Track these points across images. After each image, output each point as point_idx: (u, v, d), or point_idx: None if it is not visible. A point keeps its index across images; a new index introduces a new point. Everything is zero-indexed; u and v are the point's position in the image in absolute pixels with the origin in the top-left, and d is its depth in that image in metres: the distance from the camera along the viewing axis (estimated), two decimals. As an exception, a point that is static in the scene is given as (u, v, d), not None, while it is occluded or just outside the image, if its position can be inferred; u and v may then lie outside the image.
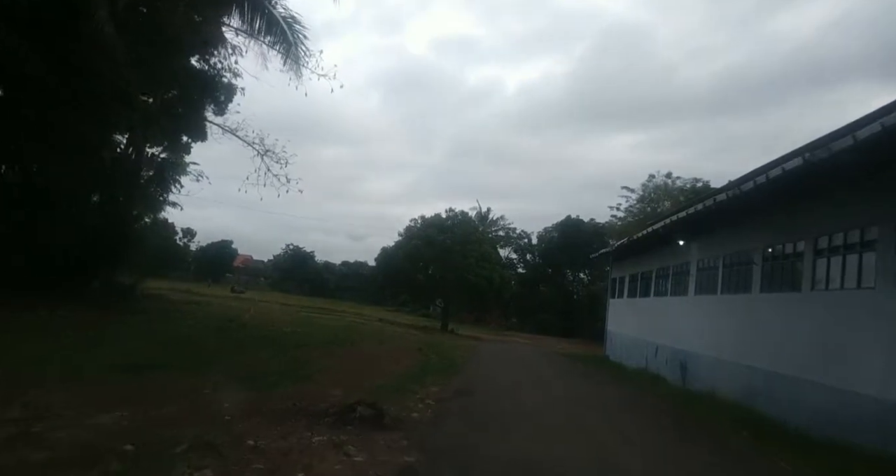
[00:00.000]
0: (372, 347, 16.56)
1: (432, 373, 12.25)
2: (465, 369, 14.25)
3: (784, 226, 11.55)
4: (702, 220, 14.26)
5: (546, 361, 22.21)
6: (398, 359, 14.01)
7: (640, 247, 21.34)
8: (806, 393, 9.59)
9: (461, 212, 37.63)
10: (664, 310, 18.88)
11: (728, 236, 14.19)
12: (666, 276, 19.24)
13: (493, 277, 34.94)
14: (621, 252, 24.64)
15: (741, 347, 12.73)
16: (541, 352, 29.26)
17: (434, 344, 22.67)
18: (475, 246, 35.29)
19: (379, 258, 38.59)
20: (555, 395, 11.72)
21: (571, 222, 56.30)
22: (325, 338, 16.69)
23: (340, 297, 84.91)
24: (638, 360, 21.11)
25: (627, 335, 23.46)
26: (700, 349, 15.16)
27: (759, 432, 8.76)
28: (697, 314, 15.88)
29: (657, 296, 19.96)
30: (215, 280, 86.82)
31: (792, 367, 10.30)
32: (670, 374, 17.01)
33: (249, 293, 66.34)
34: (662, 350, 18.30)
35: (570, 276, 59.28)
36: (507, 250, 59.30)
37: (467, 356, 18.83)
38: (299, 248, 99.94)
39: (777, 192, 10.18)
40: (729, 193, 11.89)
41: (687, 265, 17.04)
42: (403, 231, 37.07)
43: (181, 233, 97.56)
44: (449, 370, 13.10)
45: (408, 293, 42.19)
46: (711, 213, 13.08)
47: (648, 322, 20.69)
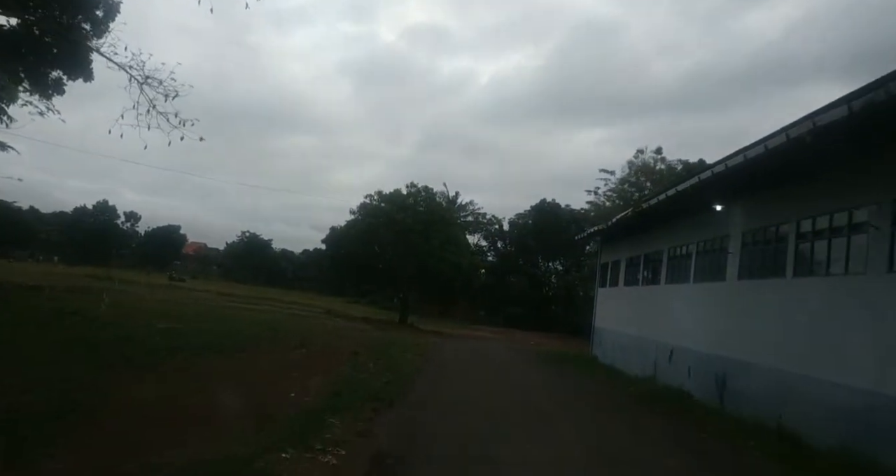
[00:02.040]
0: (279, 354, 11.44)
1: (350, 405, 7.18)
2: (412, 390, 9.25)
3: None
4: (760, 170, 9.64)
5: (526, 367, 17.43)
6: (306, 376, 8.93)
7: (645, 222, 16.71)
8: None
9: (425, 188, 32.63)
10: (685, 301, 14.27)
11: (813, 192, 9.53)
12: (684, 256, 14.62)
13: (460, 263, 29.99)
14: (615, 231, 20.03)
15: (835, 358, 8.17)
16: (515, 350, 24.52)
17: (383, 343, 17.66)
18: (440, 227, 30.23)
19: (328, 240, 33.15)
20: (573, 454, 6.74)
21: (547, 207, 51.84)
22: (212, 340, 11.51)
23: (298, 288, 79.21)
24: (640, 365, 16.54)
25: (624, 333, 18.88)
26: (751, 356, 10.56)
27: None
28: (746, 307, 11.25)
29: (672, 282, 15.34)
30: (161, 268, 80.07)
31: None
32: (697, 388, 12.42)
33: (193, 282, 60.42)
34: (683, 355, 13.69)
35: (543, 265, 54.91)
36: (477, 237, 54.57)
37: (422, 362, 13.86)
38: (256, 236, 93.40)
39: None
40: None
41: (724, 240, 12.40)
42: (357, 208, 31.98)
43: (123, 216, 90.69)
44: (383, 395, 8.09)
45: (360, 281, 36.77)
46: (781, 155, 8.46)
47: (657, 317, 16.10)
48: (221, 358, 9.65)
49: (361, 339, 17.74)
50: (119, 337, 9.87)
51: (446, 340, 26.27)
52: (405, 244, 29.63)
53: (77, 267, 55.59)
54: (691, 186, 11.82)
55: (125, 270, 68.71)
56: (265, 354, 11.04)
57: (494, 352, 21.65)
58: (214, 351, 10.15)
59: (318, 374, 9.06)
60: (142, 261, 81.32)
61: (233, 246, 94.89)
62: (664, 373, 14.92)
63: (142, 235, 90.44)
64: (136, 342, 9.63)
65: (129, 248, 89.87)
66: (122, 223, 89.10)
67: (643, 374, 16.01)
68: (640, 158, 34.52)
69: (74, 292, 19.61)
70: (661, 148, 34.06)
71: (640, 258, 18.14)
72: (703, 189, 11.57)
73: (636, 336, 17.58)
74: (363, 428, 6.06)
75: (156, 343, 9.80)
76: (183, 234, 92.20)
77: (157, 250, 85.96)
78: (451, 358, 16.26)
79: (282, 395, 7.23)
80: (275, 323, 19.07)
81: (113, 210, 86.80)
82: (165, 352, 9.06)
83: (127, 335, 10.25)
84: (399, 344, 18.60)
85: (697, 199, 12.39)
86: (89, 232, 78.99)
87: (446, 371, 12.49)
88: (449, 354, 17.49)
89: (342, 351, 13.23)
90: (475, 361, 16.19)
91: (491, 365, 15.72)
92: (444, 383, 10.45)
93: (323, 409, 6.59)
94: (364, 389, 8.25)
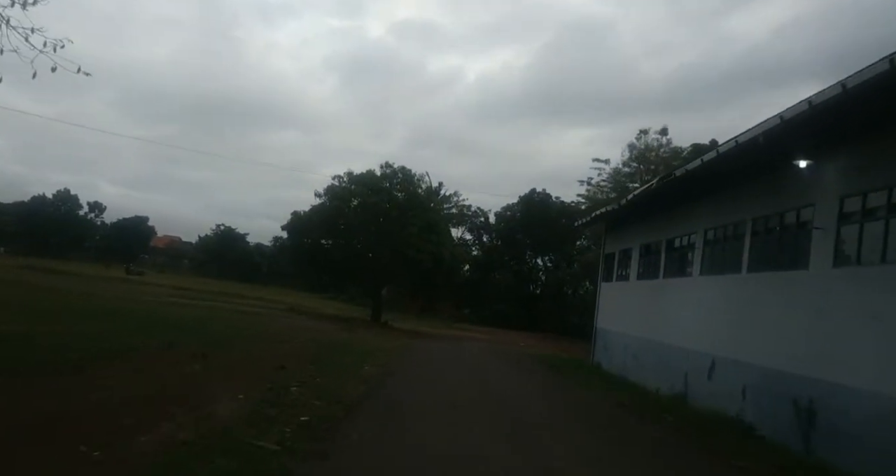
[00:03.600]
0: (160, 369, 7.60)
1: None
2: (337, 447, 5.39)
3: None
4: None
5: (524, 384, 13.74)
6: (142, 422, 5.06)
7: (671, 197, 13.16)
8: None
9: (402, 169, 28.75)
10: (734, 297, 10.69)
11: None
12: (732, 238, 11.06)
13: (441, 254, 26.24)
14: (625, 213, 16.48)
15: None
16: (504, 356, 20.87)
17: (338, 349, 13.90)
18: (419, 212, 26.44)
19: (289, 227, 29.20)
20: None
21: (536, 198, 48.27)
22: (69, 347, 7.63)
23: (274, 283, 74.90)
24: (662, 378, 13.02)
25: (638, 336, 15.35)
26: (865, 380, 7.00)
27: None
28: (848, 305, 7.67)
29: (711, 273, 11.76)
30: (128, 261, 75.31)
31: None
32: (761, 418, 8.88)
33: (157, 277, 56.13)
34: (733, 370, 10.12)
35: (532, 260, 51.40)
36: (461, 229, 50.88)
37: (378, 380, 10.08)
38: (231, 230, 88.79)
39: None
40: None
41: (803, 212, 8.83)
42: (324, 190, 27.99)
43: (87, 206, 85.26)
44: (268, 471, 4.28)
45: (325, 274, 32.69)
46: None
47: (687, 317, 12.54)
48: (43, 379, 5.89)
49: (310, 344, 13.95)
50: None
51: (423, 343, 22.54)
52: (378, 231, 25.80)
53: (23, 258, 50.81)
54: (763, 134, 8.21)
55: (85, 263, 64.35)
56: (132, 371, 7.21)
57: (480, 359, 17.95)
58: (52, 365, 6.40)
59: (170, 417, 5.26)
60: (106, 253, 76.48)
61: (205, 240, 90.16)
62: (700, 391, 11.37)
63: (107, 227, 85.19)
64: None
65: (93, 241, 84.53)
66: (85, 214, 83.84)
67: (669, 390, 12.47)
68: (643, 140, 31.08)
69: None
70: (666, 128, 30.59)
71: (661, 245, 14.57)
72: (780, 136, 7.98)
73: (655, 341, 14.03)
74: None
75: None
76: (151, 226, 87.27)
77: (122, 243, 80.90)
78: (422, 372, 12.48)
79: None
80: (203, 322, 15.21)
81: (75, 200, 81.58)
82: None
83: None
84: (359, 349, 14.84)
85: (765, 154, 8.84)
86: (48, 222, 73.86)
87: (408, 397, 8.75)
88: (420, 366, 13.73)
89: (264, 363, 9.45)
90: (454, 376, 12.42)
91: (475, 381, 11.98)
92: (401, 426, 6.70)
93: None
94: (234, 455, 4.43)
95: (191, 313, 17.80)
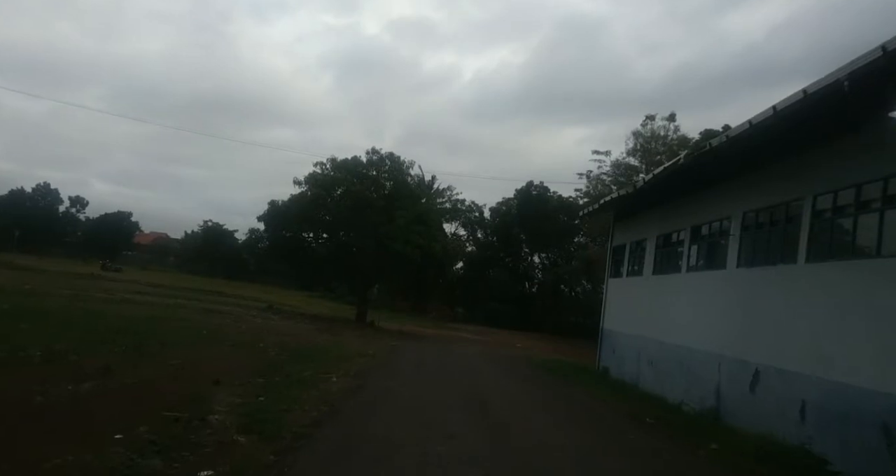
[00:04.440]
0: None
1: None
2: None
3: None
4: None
5: (522, 389, 11.66)
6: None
7: (699, 178, 11.12)
8: None
9: (390, 155, 26.42)
10: (784, 293, 8.64)
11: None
12: (783, 221, 9.02)
13: (431, 248, 24.08)
14: (638, 200, 14.44)
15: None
16: (501, 361, 18.80)
17: (306, 354, 11.80)
18: (407, 202, 24.26)
19: (266, 217, 25.88)
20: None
21: (533, 191, 46.16)
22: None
23: (261, 281, 72.50)
24: (686, 389, 11.06)
25: (653, 340, 13.33)
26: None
27: None
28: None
29: (751, 265, 9.71)
30: (110, 257, 72.76)
31: None
32: (837, 449, 6.85)
33: (139, 274, 53.77)
34: (785, 383, 8.09)
35: (528, 257, 49.35)
36: (455, 225, 48.71)
37: (346, 394, 7.97)
38: (219, 226, 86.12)
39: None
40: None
41: (891, 184, 6.79)
42: (304, 178, 25.20)
43: (68, 201, 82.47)
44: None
45: (303, 270, 30.24)
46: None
47: (718, 318, 10.49)
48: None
49: (272, 350, 11.80)
50: None
51: (410, 345, 20.44)
52: (364, 223, 23.59)
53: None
54: (848, 77, 6.13)
55: (65, 259, 61.83)
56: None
57: (472, 365, 15.86)
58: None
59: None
60: (89, 249, 73.85)
61: (191, 236, 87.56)
62: (739, 407, 9.35)
63: (89, 222, 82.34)
64: None
65: (75, 236, 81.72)
66: (67, 208, 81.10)
67: (697, 405, 10.45)
68: (649, 127, 29.00)
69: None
70: (674, 114, 28.52)
71: (685, 233, 12.53)
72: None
73: (677, 346, 12.01)
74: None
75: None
76: (135, 222, 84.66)
77: (105, 239, 78.15)
78: (403, 384, 10.34)
79: None
80: (153, 323, 13.03)
81: (56, 194, 78.83)
82: None
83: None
84: (333, 355, 12.72)
85: (840, 108, 6.80)
86: (27, 217, 71.11)
87: (379, 426, 6.59)
88: (402, 376, 11.60)
89: (197, 377, 7.31)
90: (441, 392, 10.31)
91: (467, 399, 9.88)
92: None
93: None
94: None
95: (145, 313, 15.61)
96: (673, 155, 27.16)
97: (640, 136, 29.28)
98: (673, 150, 28.97)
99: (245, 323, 18.02)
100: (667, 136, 28.76)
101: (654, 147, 29.52)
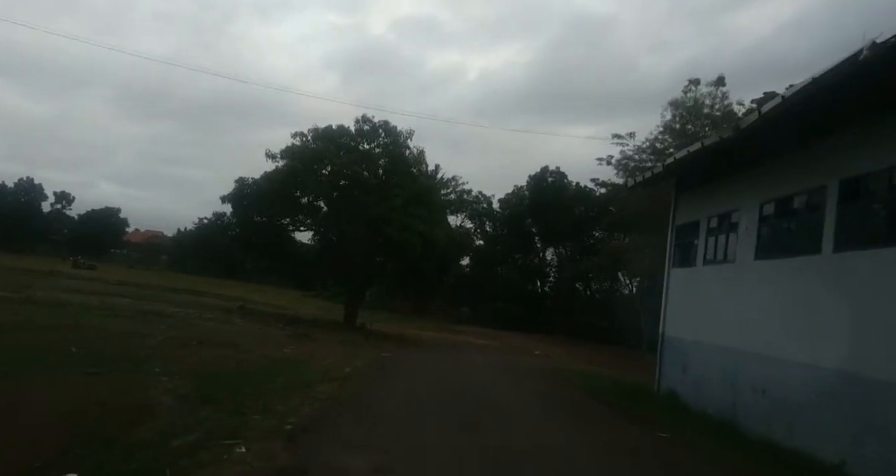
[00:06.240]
0: None
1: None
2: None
3: None
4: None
5: (574, 440, 7.15)
6: None
7: (846, 104, 6.68)
8: None
9: (384, 124, 21.28)
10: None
11: None
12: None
13: (435, 235, 19.49)
14: (724, 154, 9.99)
15: None
16: (524, 374, 14.35)
17: (236, 381, 7.45)
18: (404, 179, 19.78)
19: (232, 197, 20.38)
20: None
21: (550, 179, 41.63)
22: None
23: (256, 280, 68.23)
24: (843, 438, 6.59)
25: (759, 356, 8.89)
26: None
27: None
28: None
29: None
30: (98, 256, 68.79)
31: None
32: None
33: (115, 271, 49.72)
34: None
35: (541, 251, 44.84)
36: (461, 217, 44.30)
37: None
38: (215, 222, 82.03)
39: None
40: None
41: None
42: (280, 152, 20.15)
43: (53, 197, 78.28)
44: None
45: (274, 263, 25.44)
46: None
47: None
48: None
49: (174, 377, 7.41)
50: None
51: (406, 356, 16.04)
52: (352, 205, 19.14)
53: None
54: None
55: (44, 257, 57.83)
56: None
57: (494, 388, 11.39)
58: None
59: None
60: (76, 247, 69.79)
61: (184, 234, 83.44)
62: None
63: (77, 219, 78.20)
64: None
65: (61, 234, 77.55)
66: (51, 204, 76.97)
67: (880, 470, 6.02)
68: (691, 95, 24.40)
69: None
70: (723, 77, 23.91)
71: (823, 193, 8.06)
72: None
73: (821, 369, 7.56)
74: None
75: None
76: (123, 218, 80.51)
77: (92, 236, 73.99)
78: (377, 451, 5.88)
79: None
80: (16, 329, 8.70)
81: (39, 189, 74.63)
82: None
83: None
84: (285, 380, 8.34)
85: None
86: (5, 213, 67.02)
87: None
88: (382, 426, 7.08)
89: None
90: (453, 463, 5.84)
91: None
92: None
93: None
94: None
95: (46, 317, 11.31)
96: (718, 128, 22.59)
97: (681, 106, 24.69)
98: (718, 122, 24.43)
99: (190, 329, 13.65)
100: (713, 105, 24.18)
101: (694, 123, 24.94)
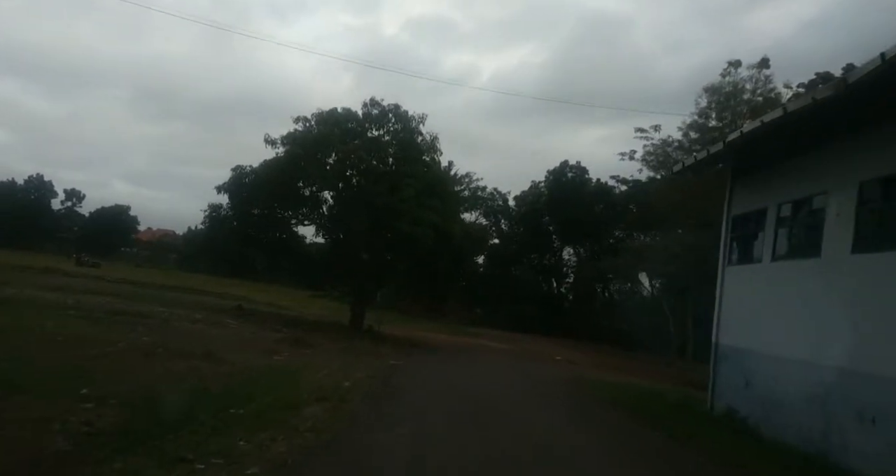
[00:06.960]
0: None
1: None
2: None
3: None
4: None
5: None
6: None
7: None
8: None
9: (394, 107, 19.08)
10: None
11: None
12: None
13: (450, 229, 17.65)
14: (795, 133, 8.06)
15: None
16: (549, 386, 12.53)
17: (169, 415, 5.65)
18: (416, 168, 18.09)
19: (229, 187, 18.81)
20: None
21: (570, 174, 39.65)
22: None
23: (265, 280, 67.12)
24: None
25: (852, 373, 6.96)
26: None
27: None
28: None
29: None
30: (109, 254, 68.07)
31: None
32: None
33: (121, 270, 48.69)
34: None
35: (559, 251, 42.85)
36: (476, 214, 42.46)
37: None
38: (212, 215, 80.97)
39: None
40: None
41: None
42: (281, 138, 18.53)
43: (63, 194, 77.82)
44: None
45: (274, 259, 23.79)
46: None
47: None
48: None
49: (106, 405, 5.70)
50: None
51: (418, 364, 14.28)
52: (358, 196, 17.41)
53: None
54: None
55: (50, 255, 57.08)
56: None
57: (521, 408, 9.58)
58: None
59: None
60: (84, 246, 69.11)
61: (194, 232, 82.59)
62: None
63: (88, 217, 77.59)
64: None
65: (71, 232, 76.97)
66: (61, 202, 76.44)
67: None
68: (730, 78, 22.29)
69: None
70: (767, 59, 21.78)
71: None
72: None
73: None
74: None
75: None
76: (133, 216, 79.63)
77: (102, 234, 73.26)
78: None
79: None
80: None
81: (49, 187, 74.12)
82: None
83: None
84: (261, 402, 6.63)
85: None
86: (14, 210, 66.45)
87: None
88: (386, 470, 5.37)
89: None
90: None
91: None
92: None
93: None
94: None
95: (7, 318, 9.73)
96: (758, 115, 20.51)
97: (719, 92, 22.62)
98: (758, 110, 22.32)
99: (168, 333, 11.99)
100: (755, 90, 22.08)
101: (735, 109, 22.85)
